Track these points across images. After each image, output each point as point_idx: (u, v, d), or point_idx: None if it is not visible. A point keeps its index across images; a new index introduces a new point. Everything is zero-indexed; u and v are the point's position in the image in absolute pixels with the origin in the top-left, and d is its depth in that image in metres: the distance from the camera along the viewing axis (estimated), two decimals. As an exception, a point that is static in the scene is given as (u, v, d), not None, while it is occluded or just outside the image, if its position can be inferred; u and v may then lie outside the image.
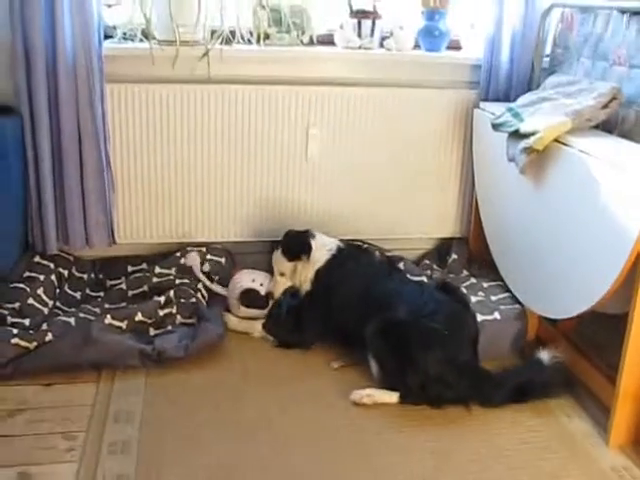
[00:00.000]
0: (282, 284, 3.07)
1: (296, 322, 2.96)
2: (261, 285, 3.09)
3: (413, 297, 2.75)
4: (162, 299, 2.94)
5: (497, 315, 2.92)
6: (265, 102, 3.27)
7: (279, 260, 3.06)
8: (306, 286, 3.01)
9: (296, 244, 3.03)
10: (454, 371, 2.53)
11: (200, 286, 3.15)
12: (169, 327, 2.89)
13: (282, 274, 3.07)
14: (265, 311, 3.06)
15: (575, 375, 2.71)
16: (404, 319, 2.62)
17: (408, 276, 3.26)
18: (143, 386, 2.61)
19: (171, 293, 2.99)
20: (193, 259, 3.24)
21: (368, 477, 2.20)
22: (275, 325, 2.99)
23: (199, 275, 3.18)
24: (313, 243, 3.01)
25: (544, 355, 2.66)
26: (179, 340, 2.77)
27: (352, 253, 3.10)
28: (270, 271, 3.17)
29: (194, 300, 3.01)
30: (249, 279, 3.11)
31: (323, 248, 3.02)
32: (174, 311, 2.94)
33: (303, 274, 3.01)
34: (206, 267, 3.26)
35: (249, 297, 3.05)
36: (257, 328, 3.00)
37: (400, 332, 2.58)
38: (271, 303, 3.06)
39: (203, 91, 3.21)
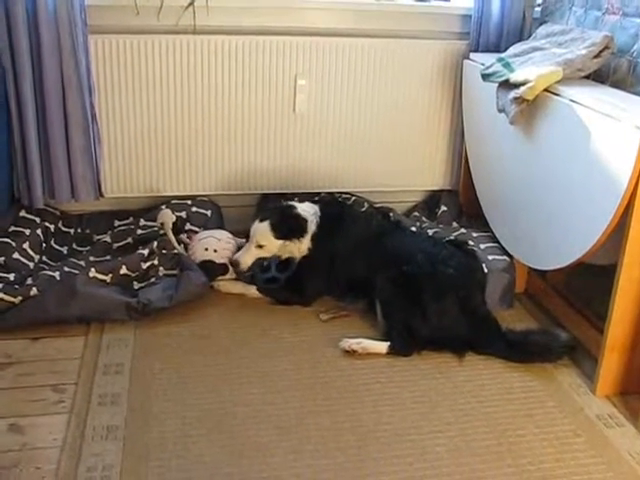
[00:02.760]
0: (253, 255, 2.91)
1: (295, 285, 2.94)
2: (215, 252, 2.98)
3: (428, 247, 2.85)
4: (146, 251, 2.93)
5: (485, 267, 2.92)
6: (252, 53, 3.22)
7: (264, 235, 2.88)
8: (302, 253, 2.92)
9: (290, 227, 2.89)
10: (464, 318, 2.63)
11: (182, 237, 3.16)
12: (152, 279, 2.89)
13: (260, 246, 2.91)
14: (228, 276, 2.98)
15: (564, 327, 2.73)
16: (418, 269, 2.69)
17: (413, 230, 3.29)
18: (132, 338, 2.61)
19: (154, 244, 2.98)
20: (166, 216, 3.15)
21: (355, 425, 2.21)
22: (273, 289, 2.98)
23: (169, 233, 3.08)
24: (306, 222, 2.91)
25: (562, 333, 2.67)
26: (163, 291, 2.77)
27: (335, 208, 3.09)
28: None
29: (176, 251, 3.00)
30: (201, 249, 2.99)
31: (309, 215, 2.94)
32: (156, 263, 2.94)
33: (297, 246, 2.91)
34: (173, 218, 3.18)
35: (206, 269, 2.91)
36: (253, 291, 2.97)
37: (414, 280, 2.66)
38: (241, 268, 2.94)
39: (189, 42, 3.16)
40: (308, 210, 2.97)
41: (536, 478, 2.04)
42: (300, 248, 2.91)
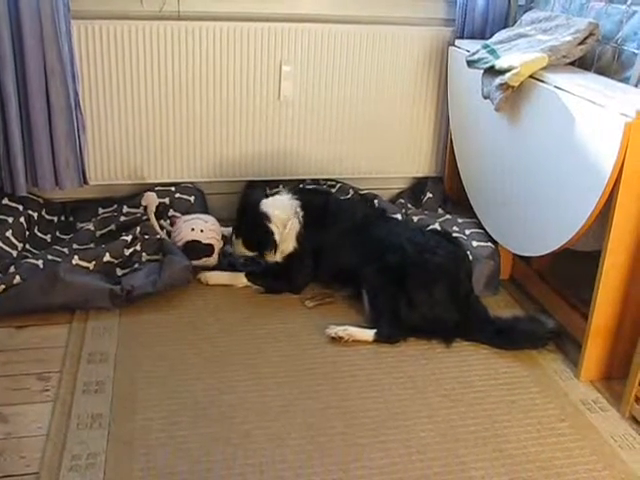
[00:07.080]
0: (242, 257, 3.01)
1: (285, 274, 2.92)
2: (201, 232, 2.98)
3: (415, 235, 2.86)
4: (129, 237, 2.92)
5: (470, 254, 2.92)
6: (237, 39, 3.20)
7: (242, 251, 2.96)
8: (289, 249, 2.89)
9: (259, 242, 2.88)
10: (453, 306, 2.63)
11: (164, 223, 3.15)
12: (135, 265, 2.88)
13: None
14: (212, 258, 2.99)
15: (549, 312, 2.75)
16: (406, 257, 2.69)
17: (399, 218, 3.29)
18: (116, 326, 2.60)
19: (137, 230, 2.97)
20: (150, 198, 3.14)
21: (341, 412, 2.22)
22: (262, 276, 2.96)
23: (151, 217, 3.08)
24: (275, 231, 2.85)
25: (549, 320, 2.68)
26: (146, 276, 2.76)
27: (319, 199, 3.04)
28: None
29: (159, 236, 2.99)
30: (188, 229, 2.98)
31: (286, 217, 2.88)
32: (139, 248, 2.92)
33: (279, 249, 2.89)
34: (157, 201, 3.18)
35: (192, 249, 2.91)
36: (241, 280, 2.94)
37: (402, 269, 2.65)
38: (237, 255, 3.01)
39: (173, 28, 3.13)
40: (284, 210, 2.89)
41: (521, 462, 2.05)
42: (286, 248, 2.88)
